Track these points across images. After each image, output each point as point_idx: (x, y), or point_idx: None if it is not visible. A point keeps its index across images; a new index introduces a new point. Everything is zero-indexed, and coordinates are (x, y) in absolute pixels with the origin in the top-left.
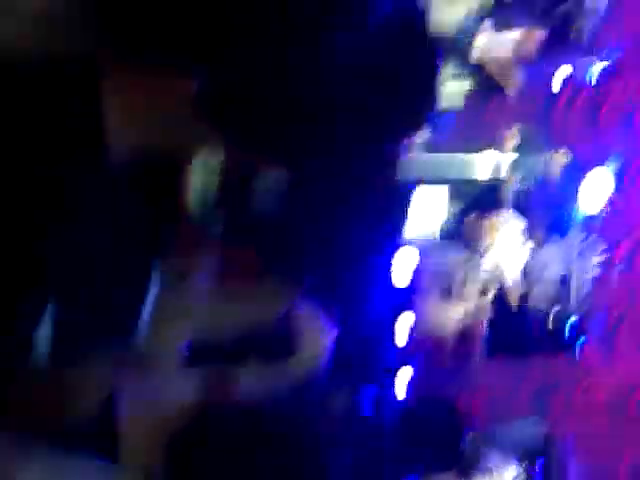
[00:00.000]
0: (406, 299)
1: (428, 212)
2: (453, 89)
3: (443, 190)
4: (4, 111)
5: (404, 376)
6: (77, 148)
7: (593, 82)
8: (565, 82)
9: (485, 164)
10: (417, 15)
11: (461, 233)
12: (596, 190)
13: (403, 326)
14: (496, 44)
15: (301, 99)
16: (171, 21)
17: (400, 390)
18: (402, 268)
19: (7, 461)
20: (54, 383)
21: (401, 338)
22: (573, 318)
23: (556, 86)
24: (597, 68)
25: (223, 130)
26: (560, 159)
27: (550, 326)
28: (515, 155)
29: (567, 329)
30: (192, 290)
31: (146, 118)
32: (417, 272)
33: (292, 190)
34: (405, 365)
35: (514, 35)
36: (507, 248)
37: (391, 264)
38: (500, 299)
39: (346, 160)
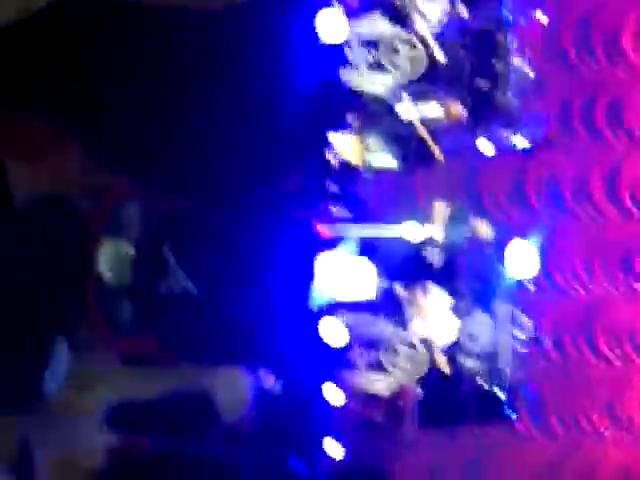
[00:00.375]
0: (335, 368)
1: (357, 283)
2: (384, 152)
3: (369, 263)
4: None
5: (334, 445)
6: None
7: (519, 152)
8: (492, 152)
9: (412, 235)
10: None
11: (390, 304)
12: (521, 262)
13: (332, 397)
14: (424, 113)
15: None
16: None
17: (329, 458)
18: (331, 338)
19: None
20: None
21: (330, 406)
22: (502, 391)
23: (483, 155)
24: (523, 139)
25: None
26: (486, 230)
27: (479, 396)
28: (442, 226)
29: (496, 399)
30: (100, 361)
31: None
32: (345, 344)
33: (201, 265)
34: (335, 434)
35: (436, 108)
36: (436, 318)
37: (318, 334)
38: (429, 371)
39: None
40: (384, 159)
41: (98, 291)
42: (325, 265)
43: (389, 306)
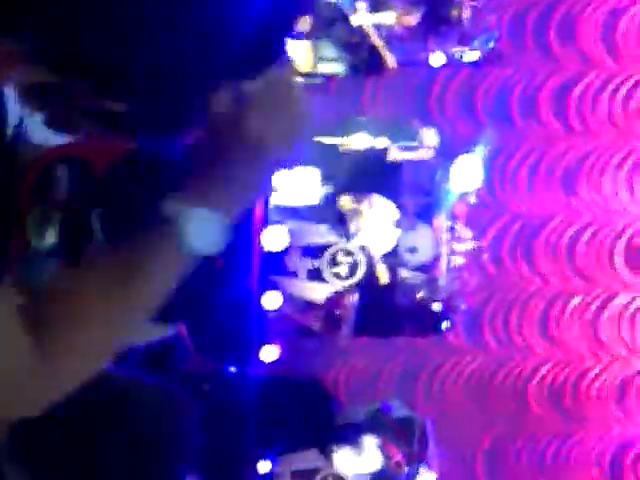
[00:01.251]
0: (274, 274)
1: (298, 192)
2: (335, 60)
3: (314, 171)
4: None
5: (269, 353)
6: None
7: (469, 65)
8: (443, 64)
9: (357, 145)
10: None
11: (333, 213)
12: (465, 176)
13: (269, 304)
14: (378, 20)
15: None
16: None
17: (263, 363)
18: (270, 246)
19: None
20: None
21: (267, 316)
22: (439, 303)
23: (434, 65)
24: (474, 51)
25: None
26: (431, 141)
27: (417, 309)
28: (387, 137)
29: (433, 313)
30: None
31: None
32: (285, 250)
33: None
34: (270, 343)
35: (389, 16)
36: (376, 230)
37: (257, 242)
38: (368, 280)
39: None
40: (334, 67)
41: (21, 252)
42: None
43: (332, 215)
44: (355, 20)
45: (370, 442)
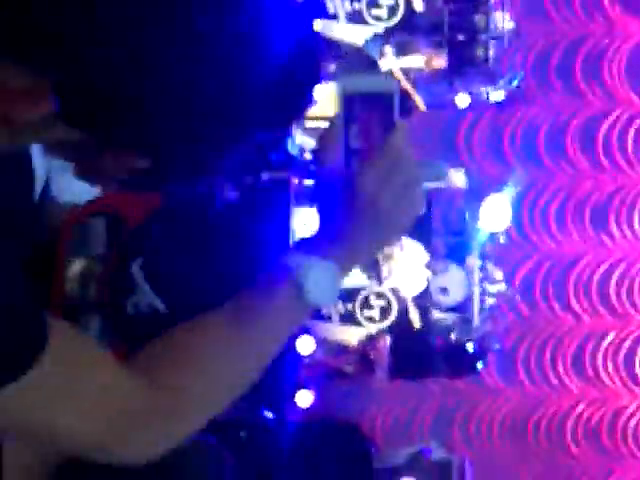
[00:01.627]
0: (306, 322)
1: None
2: None
3: None
4: None
5: (304, 398)
6: None
7: (496, 105)
8: (469, 105)
9: None
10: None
11: None
12: (494, 215)
13: (303, 348)
14: (406, 64)
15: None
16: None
17: (299, 408)
18: None
19: None
20: None
21: (301, 361)
22: (472, 343)
23: (460, 106)
24: (500, 92)
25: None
26: (461, 181)
27: (450, 350)
28: None
29: (465, 352)
30: None
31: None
32: None
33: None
34: (305, 387)
35: (417, 59)
36: (408, 272)
37: None
38: (401, 323)
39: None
40: None
41: (64, 306)
42: (303, 219)
43: None
44: (383, 64)
45: None
